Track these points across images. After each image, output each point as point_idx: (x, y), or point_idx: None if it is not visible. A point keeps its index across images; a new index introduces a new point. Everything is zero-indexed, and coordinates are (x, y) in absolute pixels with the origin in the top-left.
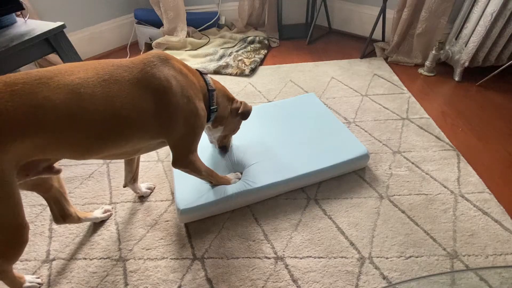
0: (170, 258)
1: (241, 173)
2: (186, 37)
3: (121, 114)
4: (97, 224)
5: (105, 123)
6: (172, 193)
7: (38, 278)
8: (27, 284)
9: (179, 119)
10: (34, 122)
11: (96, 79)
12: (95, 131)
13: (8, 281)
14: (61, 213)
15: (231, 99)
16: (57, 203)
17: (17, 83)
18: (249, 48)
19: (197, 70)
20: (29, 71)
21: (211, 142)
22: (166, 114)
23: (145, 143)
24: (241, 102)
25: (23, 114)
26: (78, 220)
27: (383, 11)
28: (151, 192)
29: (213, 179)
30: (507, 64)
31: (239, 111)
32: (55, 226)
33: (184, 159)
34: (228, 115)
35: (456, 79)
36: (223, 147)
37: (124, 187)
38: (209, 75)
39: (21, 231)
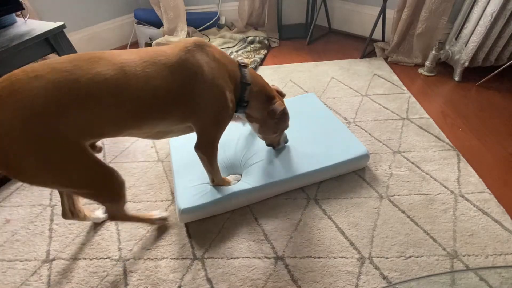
0: (170, 258)
1: (241, 175)
2: (186, 37)
3: (156, 94)
4: (97, 224)
5: (143, 101)
6: (172, 193)
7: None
8: (157, 215)
9: (206, 105)
10: (90, 93)
11: (138, 60)
12: (135, 108)
13: (125, 219)
14: (71, 208)
15: (270, 98)
16: (69, 197)
17: (76, 59)
18: (249, 48)
19: (237, 61)
20: (80, 53)
21: (261, 138)
22: (194, 99)
23: (176, 125)
24: (279, 103)
25: (82, 85)
26: (84, 218)
27: (383, 11)
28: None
29: (216, 178)
30: (507, 64)
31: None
32: (55, 226)
33: (207, 146)
34: (264, 114)
35: (456, 79)
36: (271, 145)
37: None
38: (249, 69)
39: (110, 176)
